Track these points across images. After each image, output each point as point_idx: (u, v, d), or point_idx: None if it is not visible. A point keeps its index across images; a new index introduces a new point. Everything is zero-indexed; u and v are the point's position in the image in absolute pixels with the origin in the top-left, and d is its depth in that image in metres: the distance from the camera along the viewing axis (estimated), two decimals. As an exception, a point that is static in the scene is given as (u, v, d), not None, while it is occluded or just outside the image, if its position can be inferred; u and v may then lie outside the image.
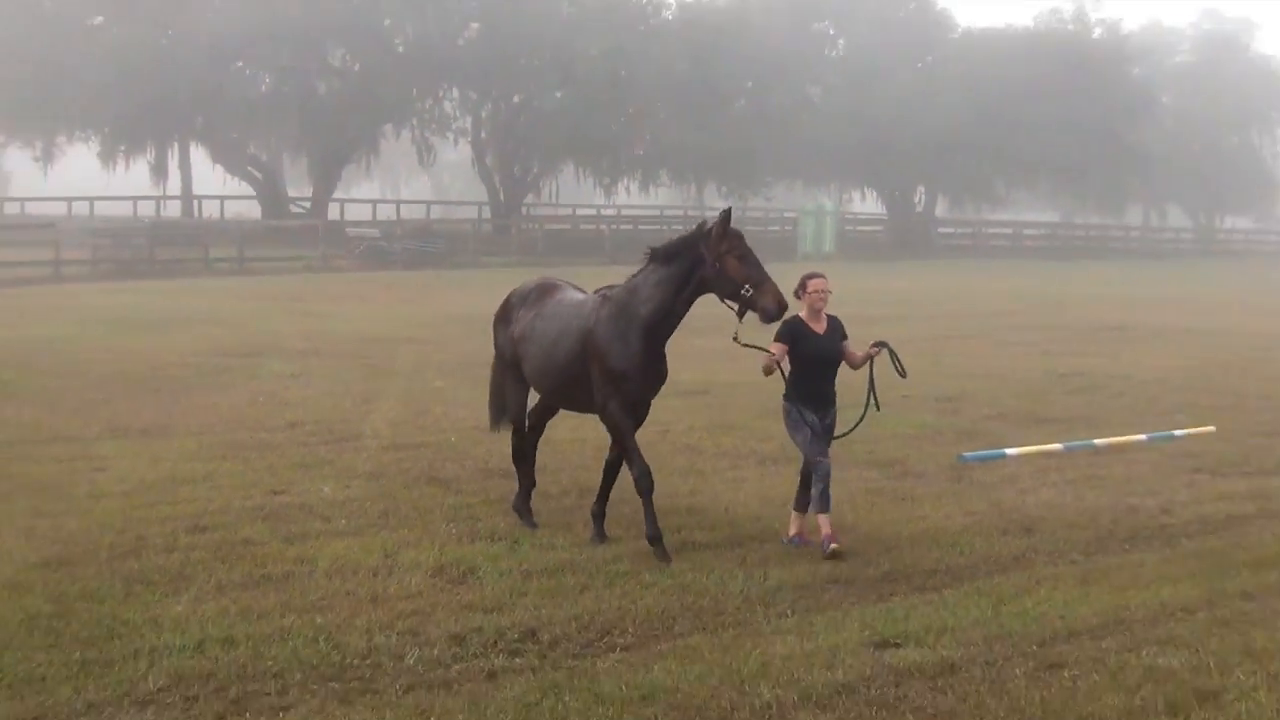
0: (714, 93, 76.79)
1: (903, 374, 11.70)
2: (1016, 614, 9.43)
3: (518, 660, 8.43)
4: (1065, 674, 8.24)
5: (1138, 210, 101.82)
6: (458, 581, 10.15)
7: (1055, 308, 40.97)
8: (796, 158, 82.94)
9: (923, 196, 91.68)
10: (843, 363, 11.35)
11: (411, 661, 8.36)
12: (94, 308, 35.17)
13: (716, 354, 25.52)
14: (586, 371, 11.24)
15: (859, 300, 41.33)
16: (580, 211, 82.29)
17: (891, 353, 11.47)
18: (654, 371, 11.20)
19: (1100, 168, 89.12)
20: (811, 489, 11.06)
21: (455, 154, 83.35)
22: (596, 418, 11.69)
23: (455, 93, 76.54)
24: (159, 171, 73.25)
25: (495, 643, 8.71)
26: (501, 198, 77.15)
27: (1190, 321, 36.20)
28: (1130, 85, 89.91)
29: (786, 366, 11.09)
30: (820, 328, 11.05)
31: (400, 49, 72.58)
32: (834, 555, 10.63)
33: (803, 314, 10.93)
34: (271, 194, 74.64)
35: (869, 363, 11.49)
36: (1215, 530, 12.12)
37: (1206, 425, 17.57)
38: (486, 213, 76.91)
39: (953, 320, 35.31)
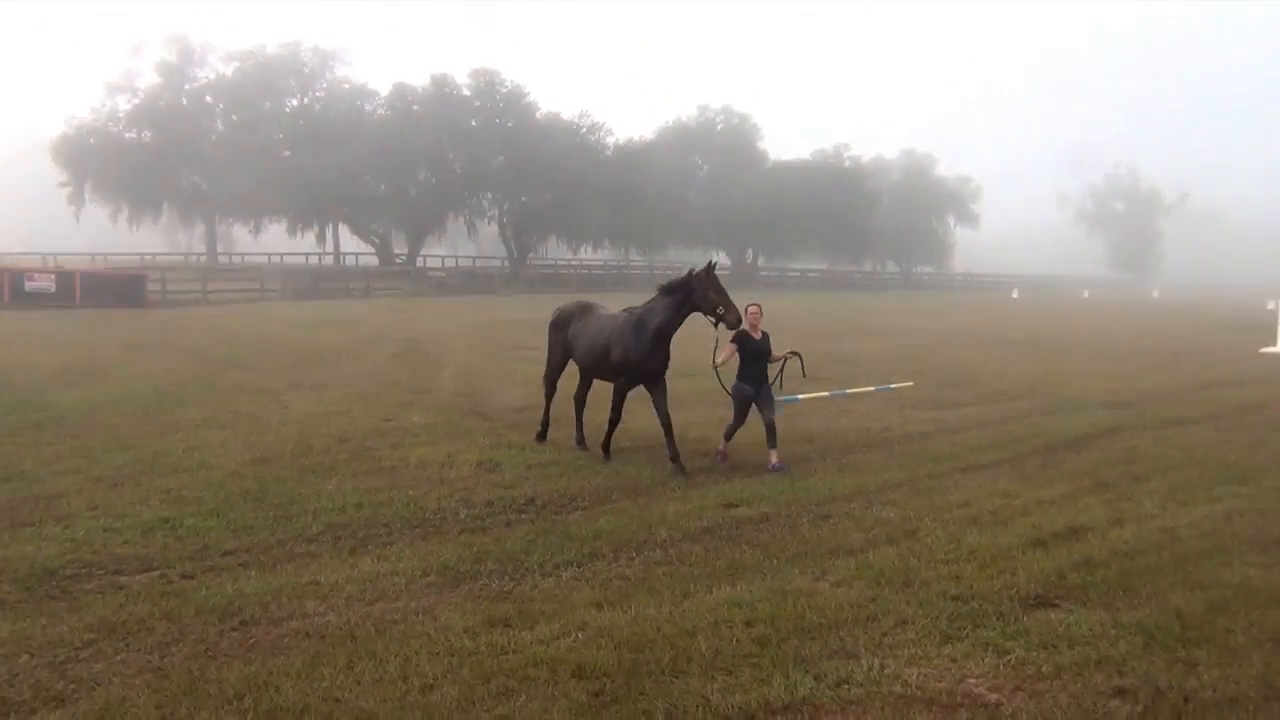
0: (633, 194, 77.26)
1: (803, 374, 11.54)
2: (804, 487, 9.43)
3: (524, 515, 8.36)
4: (831, 521, 8.24)
5: (870, 261, 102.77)
6: (490, 470, 10.06)
7: (826, 316, 41.20)
8: (679, 232, 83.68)
9: (751, 253, 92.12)
10: (769, 358, 11.01)
11: (463, 516, 8.29)
12: (282, 316, 34.85)
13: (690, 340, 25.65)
14: (606, 356, 10.92)
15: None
16: (560, 262, 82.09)
17: (800, 358, 11.35)
18: (658, 358, 10.73)
19: (849, 237, 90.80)
20: (730, 423, 10.85)
21: (489, 229, 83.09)
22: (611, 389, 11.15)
23: (489, 195, 76.51)
24: (321, 239, 73.26)
25: (511, 505, 8.64)
26: (514, 254, 77.21)
27: (900, 324, 36.48)
28: (865, 192, 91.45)
29: (736, 361, 10.80)
30: (757, 335, 10.86)
31: (457, 170, 72.33)
32: (779, 470, 10.15)
33: (746, 327, 10.71)
34: (385, 251, 74.42)
35: (781, 360, 11.17)
36: (914, 440, 12.14)
37: (908, 381, 17.67)
38: (506, 264, 76.84)
39: (774, 321, 35.39)
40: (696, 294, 10.46)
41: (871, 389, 16.62)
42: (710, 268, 10.63)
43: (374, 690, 4.94)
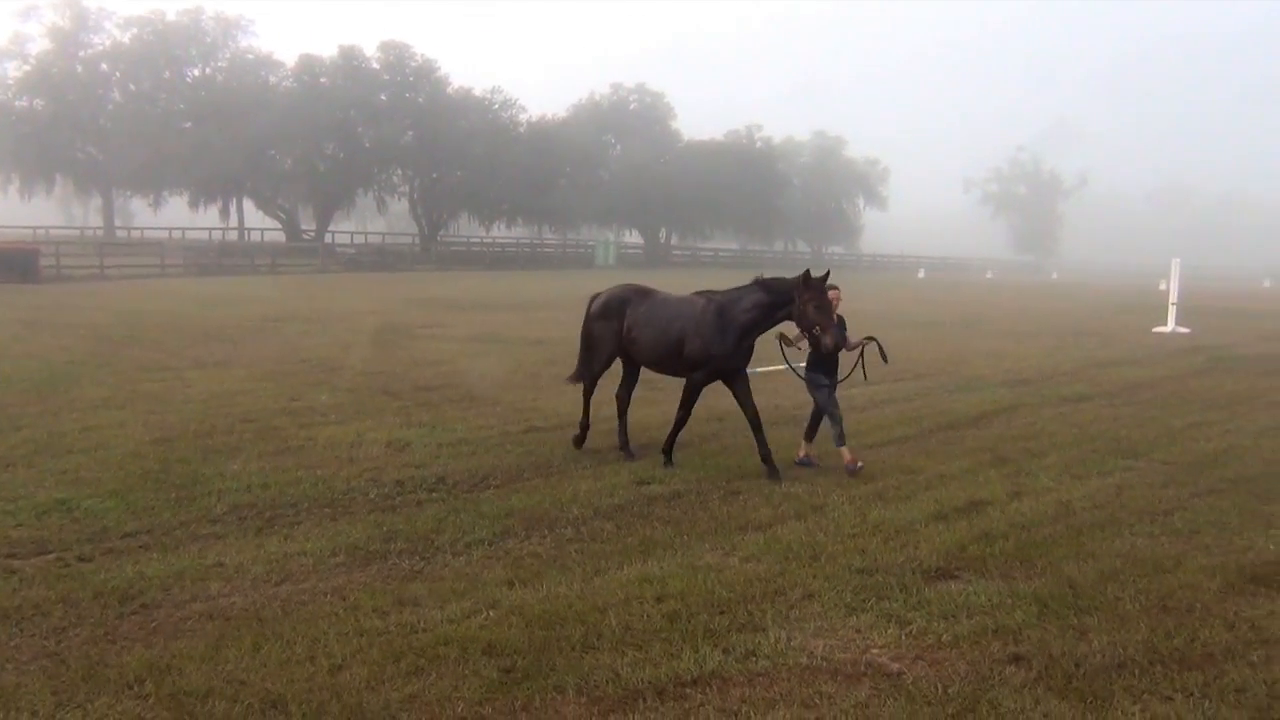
0: (548, 172, 76.93)
1: (885, 360, 10.01)
2: (715, 465, 9.55)
3: (435, 495, 8.28)
4: (741, 497, 8.36)
5: (782, 241, 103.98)
6: (400, 450, 9.94)
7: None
8: (592, 210, 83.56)
9: (664, 233, 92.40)
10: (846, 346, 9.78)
11: (373, 495, 8.18)
12: (184, 293, 33.91)
13: (555, 321, 25.56)
14: (680, 348, 9.54)
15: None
16: (472, 240, 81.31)
17: (879, 345, 9.79)
18: (742, 353, 9.52)
19: (761, 217, 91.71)
20: (832, 430, 9.57)
21: (399, 205, 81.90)
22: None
23: (399, 171, 75.35)
24: (224, 213, 71.52)
25: (422, 485, 8.55)
26: (425, 231, 76.21)
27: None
28: (776, 173, 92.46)
29: (806, 347, 9.68)
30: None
31: (366, 145, 71.02)
32: (856, 473, 9.19)
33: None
34: (292, 227, 72.96)
35: (859, 347, 9.76)
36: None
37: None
38: (417, 241, 75.84)
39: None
40: (795, 305, 9.10)
41: (783, 367, 16.80)
42: (808, 277, 9.14)
43: (281, 672, 4.88)
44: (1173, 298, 27.95)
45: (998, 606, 5.85)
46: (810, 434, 9.99)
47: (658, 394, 12.99)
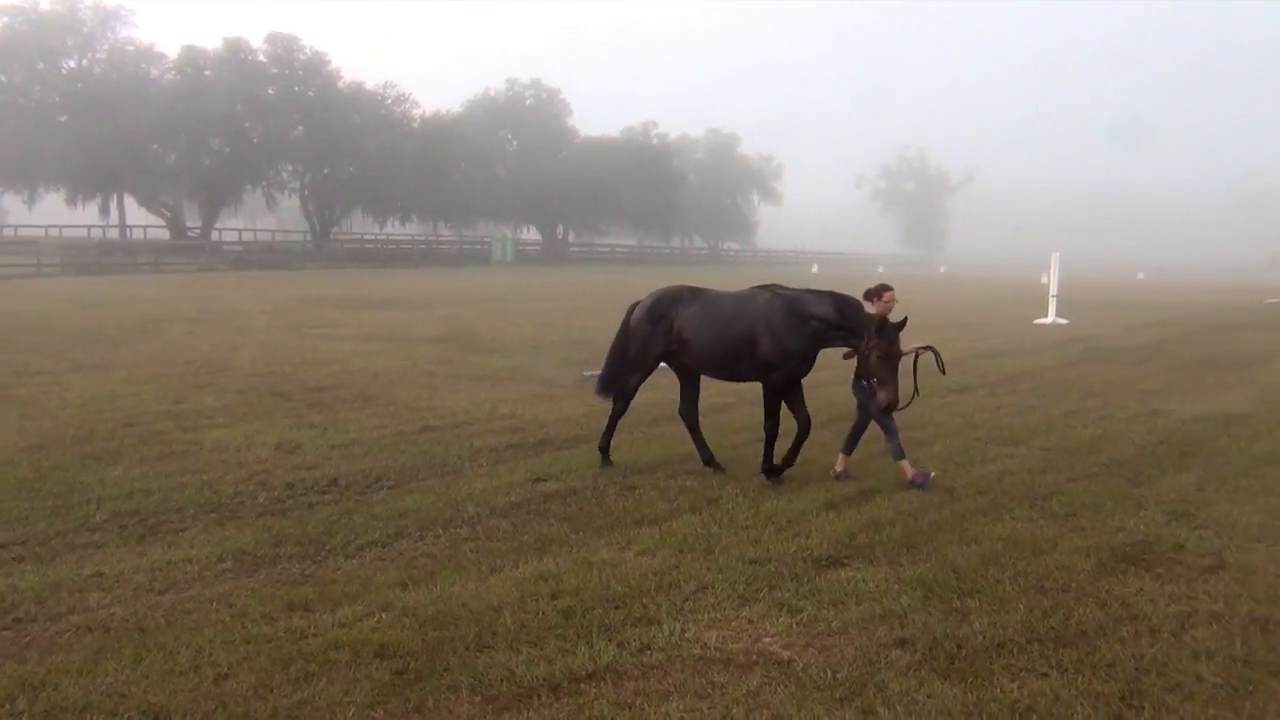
0: (442, 168, 76.17)
1: (943, 371, 9.04)
2: (612, 459, 9.58)
3: (326, 497, 8.14)
4: (636, 492, 8.39)
5: (678, 237, 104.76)
6: (290, 452, 9.73)
7: (636, 291, 41.58)
8: (489, 206, 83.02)
9: (561, 229, 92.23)
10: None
11: (262, 499, 8.00)
12: (62, 294, 32.62)
13: (451, 318, 25.30)
14: (753, 343, 8.66)
15: (538, 287, 41.73)
16: (366, 237, 79.93)
17: (936, 354, 8.87)
18: (814, 357, 8.79)
19: (658, 213, 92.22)
20: (889, 444, 8.82)
21: (290, 202, 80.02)
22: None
23: (289, 166, 73.61)
24: (104, 210, 68.72)
25: (313, 487, 8.39)
26: (317, 228, 74.64)
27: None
28: (671, 170, 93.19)
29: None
30: None
31: (254, 139, 69.24)
32: (926, 485, 8.55)
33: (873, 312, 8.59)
34: (176, 224, 70.50)
35: (914, 356, 8.83)
36: (719, 412, 12.38)
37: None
38: (309, 238, 74.22)
39: (580, 298, 35.54)
40: (862, 345, 8.36)
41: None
42: (884, 325, 8.31)
43: (163, 683, 4.74)
44: (1053, 290, 29.00)
45: (885, 592, 6.01)
46: (850, 446, 9.20)
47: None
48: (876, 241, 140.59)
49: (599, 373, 10.02)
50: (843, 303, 8.54)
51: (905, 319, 8.48)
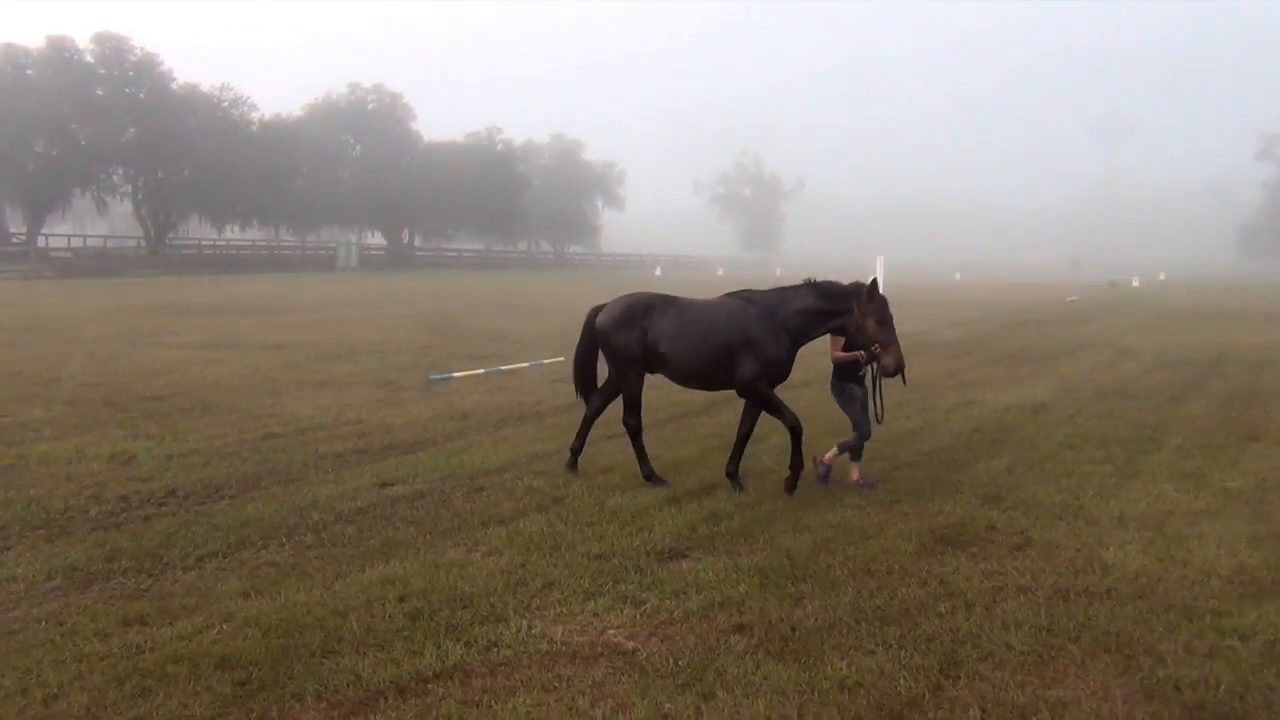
0: (283, 172, 73.86)
1: (904, 381, 8.77)
2: (458, 463, 9.46)
3: (164, 509, 7.78)
4: (484, 493, 8.31)
5: (524, 242, 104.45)
6: (124, 463, 9.26)
7: (482, 295, 41.32)
8: (332, 211, 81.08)
9: (408, 233, 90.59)
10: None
11: (94, 513, 7.59)
12: None
13: (295, 324, 24.52)
14: (732, 353, 8.37)
15: (383, 292, 40.89)
16: (204, 243, 76.65)
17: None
18: (791, 362, 8.61)
19: (504, 218, 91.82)
20: (848, 441, 8.81)
21: (122, 206, 76.05)
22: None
23: (120, 170, 69.87)
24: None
25: (149, 499, 8.01)
26: (152, 234, 71.07)
27: (553, 302, 37.32)
28: (517, 175, 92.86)
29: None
30: None
31: (82, 142, 65.53)
32: (863, 489, 8.49)
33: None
34: (-2, 230, 66.34)
35: (875, 377, 8.55)
36: (564, 412, 12.35)
37: (560, 357, 18.16)
38: (143, 244, 70.69)
39: (426, 303, 35.04)
40: (854, 318, 8.21)
41: (526, 365, 16.95)
42: (875, 287, 8.25)
43: (-13, 708, 4.46)
44: (880, 289, 30.10)
45: (724, 581, 6.15)
46: (857, 453, 8.93)
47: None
48: (717, 245, 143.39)
49: (441, 376, 9.86)
50: (821, 287, 8.40)
51: (875, 279, 8.40)
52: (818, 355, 9.60)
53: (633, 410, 8.85)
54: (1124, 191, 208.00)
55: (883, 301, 8.16)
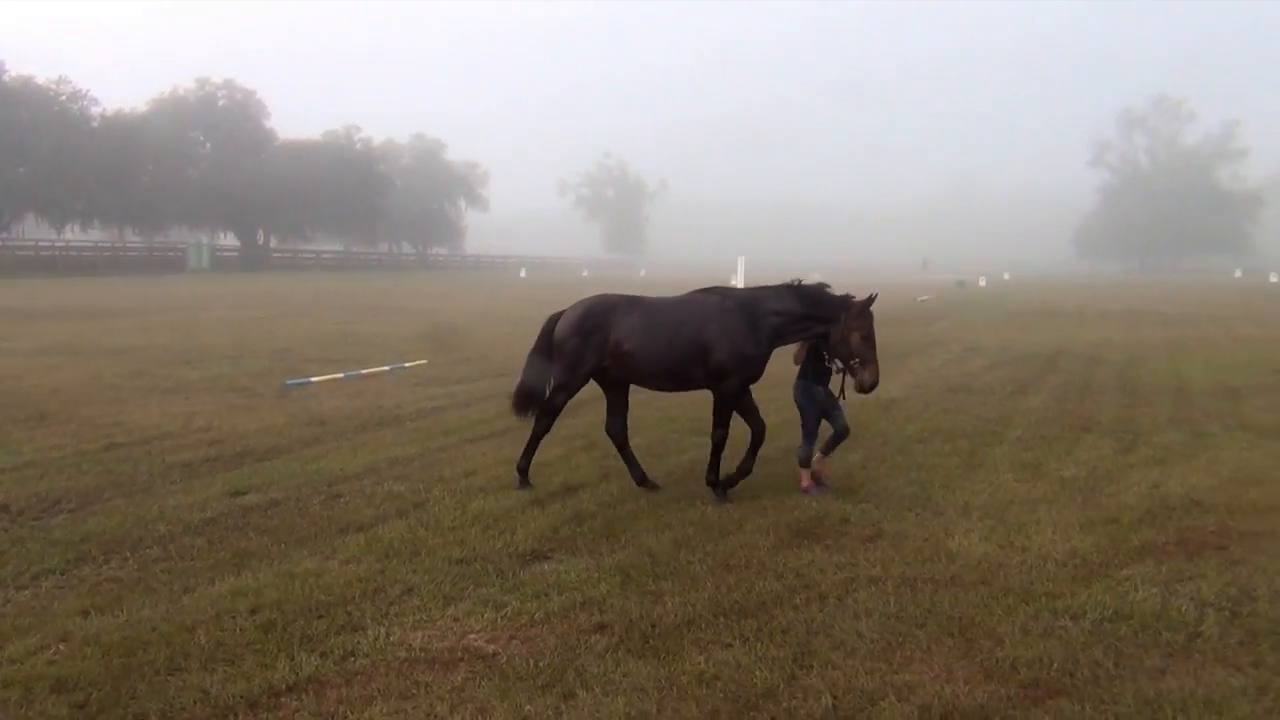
0: (127, 170, 70.61)
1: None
2: (315, 469, 9.23)
3: (-6, 525, 7.39)
4: (342, 500, 8.14)
5: (386, 243, 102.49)
6: (-50, 479, 8.74)
7: (341, 297, 40.38)
8: (181, 211, 77.94)
9: (262, 234, 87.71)
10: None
11: (-85, 532, 7.14)
12: None
13: (140, 329, 23.46)
14: (705, 351, 8.10)
15: (237, 294, 39.49)
16: (41, 244, 72.56)
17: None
18: (766, 362, 8.30)
19: (364, 219, 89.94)
20: (830, 440, 8.64)
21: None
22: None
23: (-56, 166, 65.78)
24: None
25: (-23, 515, 7.60)
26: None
27: (415, 304, 36.76)
28: (377, 175, 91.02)
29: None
30: None
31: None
32: (816, 494, 8.39)
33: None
34: None
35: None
36: (426, 416, 12.33)
37: (422, 360, 17.92)
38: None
39: (282, 306, 34.02)
40: (838, 329, 8.00)
41: (386, 368, 16.65)
42: (869, 303, 8.04)
43: None
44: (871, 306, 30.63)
45: (585, 581, 6.17)
46: (830, 447, 8.77)
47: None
48: (582, 246, 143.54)
49: (298, 380, 9.56)
50: (805, 292, 8.20)
51: (873, 295, 8.20)
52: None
53: (554, 412, 8.71)
54: (973, 195, 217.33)
55: (870, 318, 8.03)
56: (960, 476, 9.11)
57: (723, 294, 8.39)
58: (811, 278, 9.08)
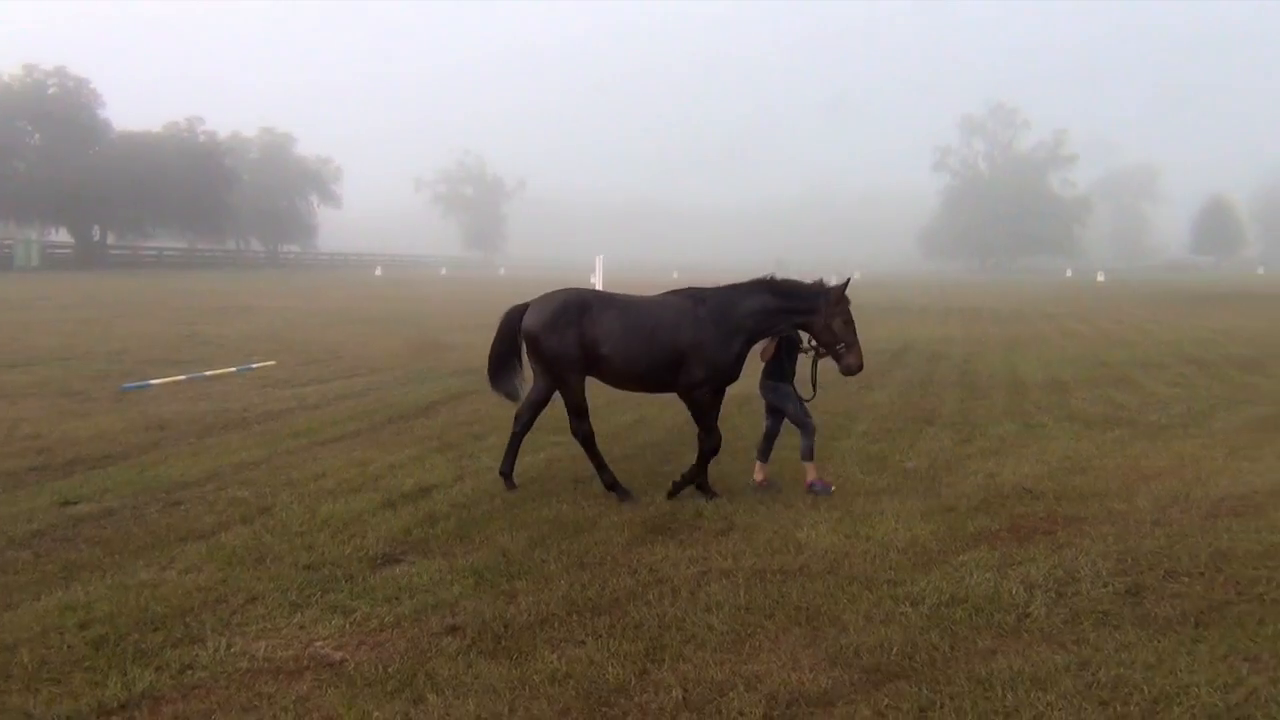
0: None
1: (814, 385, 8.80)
2: (154, 476, 8.82)
3: None
4: (182, 507, 7.81)
5: (234, 240, 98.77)
6: None
7: (185, 296, 38.68)
8: (7, 206, 73.31)
9: (98, 230, 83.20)
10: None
11: None
12: None
13: (35, 325, 22.00)
14: (680, 357, 8.00)
15: (69, 294, 37.32)
16: None
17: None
18: (740, 365, 8.26)
19: (209, 215, 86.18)
20: (803, 442, 8.61)
21: None
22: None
23: None
24: None
25: None
26: None
27: (265, 303, 35.55)
28: (223, 169, 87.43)
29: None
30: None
31: None
32: (826, 493, 8.40)
33: None
34: None
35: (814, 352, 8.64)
36: (274, 418, 11.94)
37: (271, 361, 17.37)
38: None
39: (118, 305, 32.35)
40: (819, 318, 8.03)
41: (233, 370, 16.08)
42: (845, 286, 8.16)
43: None
44: (598, 288, 30.80)
45: (438, 583, 6.09)
46: (765, 453, 8.85)
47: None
48: (439, 244, 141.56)
49: (138, 384, 9.15)
50: (779, 286, 8.16)
51: (849, 279, 8.38)
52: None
53: (580, 415, 8.29)
54: (828, 195, 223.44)
55: (847, 302, 8.12)
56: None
57: (696, 297, 8.25)
58: (673, 277, 9.22)
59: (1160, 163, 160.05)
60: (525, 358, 8.62)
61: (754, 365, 8.69)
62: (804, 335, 8.60)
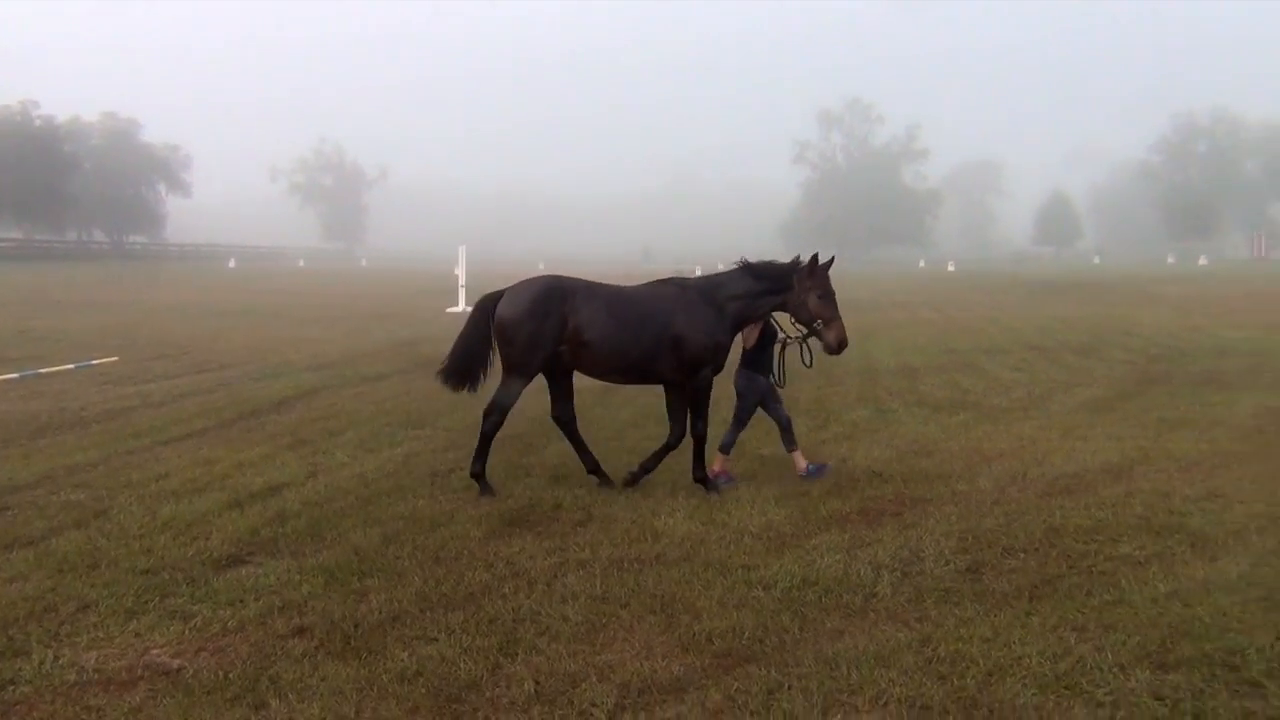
0: None
1: (808, 363, 8.49)
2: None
3: None
4: (9, 513, 7.39)
5: (74, 230, 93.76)
6: None
7: (16, 289, 36.51)
8: None
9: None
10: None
11: None
12: None
13: None
14: (675, 343, 7.88)
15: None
16: None
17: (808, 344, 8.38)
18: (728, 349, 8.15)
19: (47, 204, 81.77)
20: (726, 434, 8.68)
21: None
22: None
23: None
24: None
25: None
26: None
27: (108, 297, 33.90)
28: (62, 156, 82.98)
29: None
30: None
31: None
32: (822, 474, 8.51)
33: None
34: None
35: (782, 346, 8.66)
36: (114, 417, 11.39)
37: (113, 357, 16.56)
38: None
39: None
40: (794, 294, 7.92)
41: (70, 366, 15.26)
42: (815, 260, 7.96)
43: None
44: (462, 280, 30.43)
45: (286, 584, 5.90)
46: (790, 442, 8.78)
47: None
48: (297, 235, 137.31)
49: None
50: (756, 268, 8.09)
51: (832, 257, 8.22)
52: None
53: (504, 411, 8.09)
54: (691, 185, 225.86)
55: (824, 276, 7.98)
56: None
57: (682, 284, 8.26)
58: (539, 268, 9.20)
59: (1003, 159, 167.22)
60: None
61: (734, 355, 8.66)
62: (784, 328, 8.65)
